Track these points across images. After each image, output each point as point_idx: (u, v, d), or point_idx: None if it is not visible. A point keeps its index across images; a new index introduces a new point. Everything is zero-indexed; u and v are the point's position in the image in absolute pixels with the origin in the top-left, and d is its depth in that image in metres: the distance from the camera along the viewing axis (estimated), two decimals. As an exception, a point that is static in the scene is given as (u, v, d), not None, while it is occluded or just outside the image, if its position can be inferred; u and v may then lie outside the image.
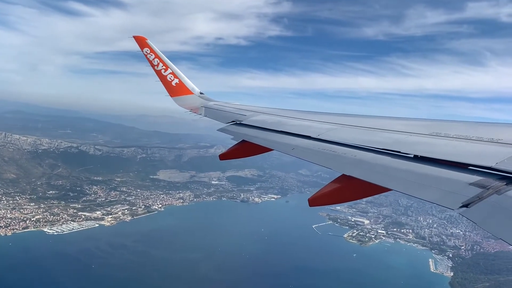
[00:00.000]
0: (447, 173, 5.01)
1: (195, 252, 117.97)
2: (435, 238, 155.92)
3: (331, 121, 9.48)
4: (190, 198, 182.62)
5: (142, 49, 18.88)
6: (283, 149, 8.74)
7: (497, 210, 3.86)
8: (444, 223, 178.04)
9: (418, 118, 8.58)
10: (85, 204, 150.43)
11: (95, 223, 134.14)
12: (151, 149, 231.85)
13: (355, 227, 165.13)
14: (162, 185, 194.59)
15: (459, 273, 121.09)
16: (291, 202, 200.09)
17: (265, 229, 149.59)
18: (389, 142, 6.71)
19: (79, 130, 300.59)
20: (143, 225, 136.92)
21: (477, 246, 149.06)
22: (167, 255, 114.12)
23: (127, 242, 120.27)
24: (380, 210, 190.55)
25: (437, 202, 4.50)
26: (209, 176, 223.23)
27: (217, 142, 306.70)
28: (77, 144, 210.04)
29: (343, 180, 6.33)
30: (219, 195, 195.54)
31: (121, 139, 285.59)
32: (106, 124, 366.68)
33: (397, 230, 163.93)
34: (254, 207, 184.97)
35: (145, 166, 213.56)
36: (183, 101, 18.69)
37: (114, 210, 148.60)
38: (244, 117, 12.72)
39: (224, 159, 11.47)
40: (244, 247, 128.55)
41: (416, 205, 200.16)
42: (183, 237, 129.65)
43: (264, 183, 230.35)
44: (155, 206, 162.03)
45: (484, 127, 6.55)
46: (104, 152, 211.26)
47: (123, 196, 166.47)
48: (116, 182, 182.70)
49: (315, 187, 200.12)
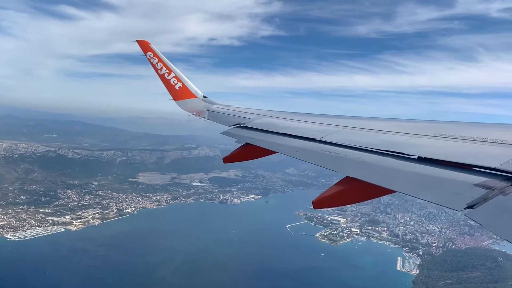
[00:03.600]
0: (452, 175, 5.04)
1: (157, 256, 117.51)
2: (409, 236, 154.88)
3: (334, 123, 9.57)
4: (167, 201, 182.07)
5: (146, 53, 18.89)
6: (286, 151, 8.86)
7: (502, 211, 3.84)
8: (422, 220, 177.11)
9: (422, 120, 8.70)
10: (56, 208, 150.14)
11: (62, 228, 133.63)
12: (132, 152, 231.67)
13: (329, 226, 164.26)
14: (140, 187, 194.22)
15: (425, 271, 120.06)
16: (271, 202, 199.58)
17: (237, 230, 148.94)
18: (393, 143, 6.76)
19: (66, 133, 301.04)
20: (110, 229, 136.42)
21: (449, 243, 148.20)
22: (126, 259, 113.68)
23: (90, 246, 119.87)
24: (360, 208, 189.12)
25: (442, 204, 4.53)
26: (191, 177, 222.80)
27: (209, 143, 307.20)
28: (56, 148, 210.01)
29: (347, 182, 6.37)
30: (198, 197, 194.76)
31: (109, 142, 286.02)
32: (96, 127, 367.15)
33: (372, 229, 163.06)
34: (231, 208, 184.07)
35: (125, 169, 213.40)
36: (186, 104, 18.80)
37: (84, 214, 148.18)
38: (248, 120, 12.83)
39: (228, 162, 11.40)
40: (210, 249, 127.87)
41: (397, 203, 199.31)
42: (148, 240, 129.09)
43: (248, 183, 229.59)
44: (128, 210, 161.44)
45: (488, 128, 6.64)
46: (83, 155, 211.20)
47: (97, 200, 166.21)
48: (92, 186, 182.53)
49: (300, 186, 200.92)
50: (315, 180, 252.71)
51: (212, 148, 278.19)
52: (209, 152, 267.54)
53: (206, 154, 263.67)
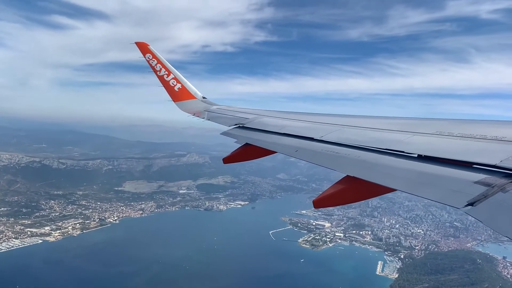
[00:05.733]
0: (452, 172, 5.03)
1: (132, 265, 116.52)
2: (392, 239, 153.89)
3: (333, 122, 9.59)
4: (151, 209, 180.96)
5: (144, 55, 18.85)
6: (286, 151, 8.91)
7: (502, 208, 3.88)
8: (408, 223, 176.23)
9: (421, 118, 8.64)
10: (36, 220, 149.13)
11: (40, 239, 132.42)
12: (118, 160, 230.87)
13: (313, 231, 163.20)
14: (126, 196, 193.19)
15: (404, 275, 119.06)
16: (258, 208, 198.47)
17: (219, 237, 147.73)
18: (393, 142, 6.75)
19: (56, 143, 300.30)
20: (89, 239, 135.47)
21: (432, 245, 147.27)
22: (101, 269, 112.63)
23: (65, 257, 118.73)
24: (346, 212, 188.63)
25: (442, 201, 4.50)
26: (178, 185, 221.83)
27: (200, 150, 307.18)
28: (41, 158, 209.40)
29: (347, 181, 6.40)
30: (184, 205, 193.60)
31: (100, 151, 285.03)
32: (89, 136, 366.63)
33: (356, 233, 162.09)
34: (216, 215, 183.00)
35: (111, 178, 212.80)
36: (186, 105, 18.79)
37: (65, 225, 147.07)
38: (247, 120, 12.86)
39: (228, 162, 11.44)
40: (189, 257, 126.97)
41: (385, 206, 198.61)
42: (125, 250, 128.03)
43: (236, 189, 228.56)
44: (110, 219, 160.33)
45: (488, 125, 6.64)
46: (68, 165, 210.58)
47: (80, 210, 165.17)
48: (76, 196, 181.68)
49: (289, 191, 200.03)
50: (305, 185, 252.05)
51: (202, 155, 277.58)
52: (198, 159, 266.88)
53: (195, 161, 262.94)
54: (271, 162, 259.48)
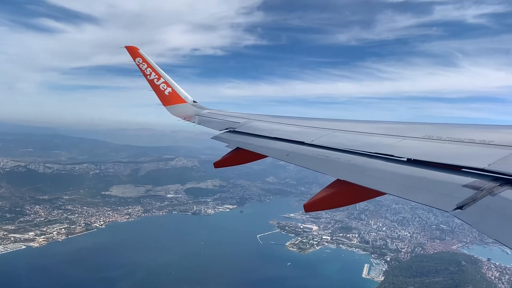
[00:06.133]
0: (441, 176, 5.09)
1: (117, 271, 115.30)
2: (379, 242, 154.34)
3: (324, 126, 9.66)
4: (138, 214, 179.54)
5: (135, 59, 18.76)
6: (277, 155, 8.88)
7: (491, 211, 3.96)
8: (394, 226, 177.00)
9: (410, 122, 8.69)
10: (21, 225, 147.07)
11: (23, 245, 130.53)
12: (105, 165, 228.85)
13: (301, 234, 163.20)
14: (113, 201, 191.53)
15: (390, 277, 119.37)
16: (246, 212, 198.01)
17: (205, 242, 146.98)
18: (382, 146, 6.81)
19: (44, 147, 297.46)
20: (74, 245, 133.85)
21: (418, 248, 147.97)
22: (84, 275, 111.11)
23: (49, 263, 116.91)
24: (334, 215, 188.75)
25: (431, 205, 4.56)
26: (166, 189, 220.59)
27: (189, 153, 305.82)
28: (26, 163, 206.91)
29: (338, 185, 6.43)
30: (171, 209, 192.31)
31: (88, 155, 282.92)
32: (76, 140, 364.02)
33: (343, 235, 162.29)
34: (204, 219, 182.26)
35: (98, 182, 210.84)
36: (176, 110, 18.62)
37: (49, 230, 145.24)
38: (238, 125, 12.90)
39: (219, 166, 11.48)
40: (175, 262, 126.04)
41: (372, 208, 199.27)
42: (111, 255, 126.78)
43: (225, 193, 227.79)
44: (96, 224, 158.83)
45: (476, 129, 6.68)
46: (54, 169, 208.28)
47: (66, 215, 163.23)
48: (62, 200, 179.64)
49: (278, 194, 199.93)
50: (294, 188, 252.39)
51: (191, 158, 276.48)
52: (187, 163, 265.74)
53: (183, 165, 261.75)
54: (261, 166, 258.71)
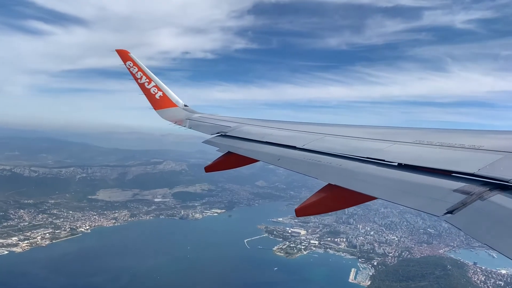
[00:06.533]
0: (431, 180, 5.11)
1: (100, 276, 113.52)
2: (367, 246, 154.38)
3: (316, 131, 9.64)
4: (124, 218, 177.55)
5: (125, 63, 18.59)
6: (268, 159, 8.87)
7: (480, 216, 4.00)
8: (382, 230, 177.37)
9: (401, 127, 8.71)
10: (4, 230, 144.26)
11: (5, 250, 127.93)
12: (92, 168, 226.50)
13: (289, 238, 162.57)
14: (99, 205, 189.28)
15: (376, 282, 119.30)
16: (234, 216, 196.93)
17: (192, 246, 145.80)
18: (374, 150, 6.81)
19: (30, 151, 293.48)
20: (58, 250, 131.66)
21: (406, 252, 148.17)
22: (67, 280, 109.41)
23: (31, 269, 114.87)
24: (322, 219, 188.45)
25: (422, 209, 4.60)
26: (154, 193, 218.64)
27: (178, 157, 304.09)
28: (11, 166, 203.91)
29: (329, 190, 6.43)
30: (158, 213, 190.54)
31: (75, 159, 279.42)
32: (64, 143, 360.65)
33: (331, 240, 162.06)
34: (192, 224, 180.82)
35: (84, 186, 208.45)
36: (167, 113, 18.48)
37: (33, 235, 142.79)
38: (229, 129, 12.82)
39: (210, 171, 11.41)
40: (161, 267, 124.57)
41: (361, 213, 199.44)
42: (95, 260, 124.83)
43: (213, 197, 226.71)
44: (81, 228, 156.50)
45: (466, 134, 6.73)
46: (40, 173, 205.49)
47: (51, 219, 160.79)
48: (48, 205, 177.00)
49: (267, 198, 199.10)
50: (284, 192, 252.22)
51: (179, 162, 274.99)
52: (175, 167, 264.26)
53: (171, 168, 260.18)
54: (250, 170, 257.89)
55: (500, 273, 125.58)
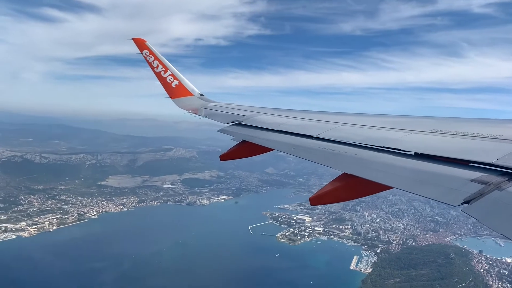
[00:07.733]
0: (448, 170, 5.06)
1: (104, 261, 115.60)
2: (371, 234, 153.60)
3: (330, 120, 9.64)
4: (132, 204, 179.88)
5: (142, 51, 18.89)
6: (283, 148, 8.89)
7: (498, 206, 3.94)
8: (389, 217, 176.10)
9: (418, 116, 8.66)
10: (13, 215, 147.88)
11: (14, 235, 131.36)
12: (102, 155, 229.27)
13: (293, 225, 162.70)
14: (108, 191, 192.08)
15: (378, 269, 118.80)
16: (241, 203, 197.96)
17: (197, 232, 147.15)
18: (390, 140, 6.76)
19: (44, 137, 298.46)
20: (64, 235, 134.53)
21: (410, 240, 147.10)
22: (70, 265, 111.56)
23: (37, 254, 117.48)
24: (329, 207, 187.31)
25: (438, 199, 4.56)
26: (163, 179, 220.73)
27: (190, 144, 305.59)
28: (22, 152, 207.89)
29: (344, 179, 6.40)
30: (166, 199, 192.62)
31: (88, 145, 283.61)
32: (77, 130, 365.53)
33: (336, 227, 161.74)
34: (198, 210, 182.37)
35: (94, 172, 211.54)
36: (183, 102, 18.87)
37: (42, 220, 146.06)
38: (244, 118, 12.91)
39: (225, 159, 11.58)
40: (163, 252, 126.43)
41: (368, 200, 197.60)
42: (99, 245, 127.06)
43: (221, 184, 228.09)
44: (88, 214, 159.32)
45: (484, 123, 6.68)
46: (51, 160, 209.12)
47: (59, 205, 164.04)
48: (57, 191, 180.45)
49: (275, 185, 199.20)
50: (292, 179, 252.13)
51: (189, 149, 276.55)
52: (185, 154, 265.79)
53: (181, 155, 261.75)
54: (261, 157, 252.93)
55: (505, 261, 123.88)
